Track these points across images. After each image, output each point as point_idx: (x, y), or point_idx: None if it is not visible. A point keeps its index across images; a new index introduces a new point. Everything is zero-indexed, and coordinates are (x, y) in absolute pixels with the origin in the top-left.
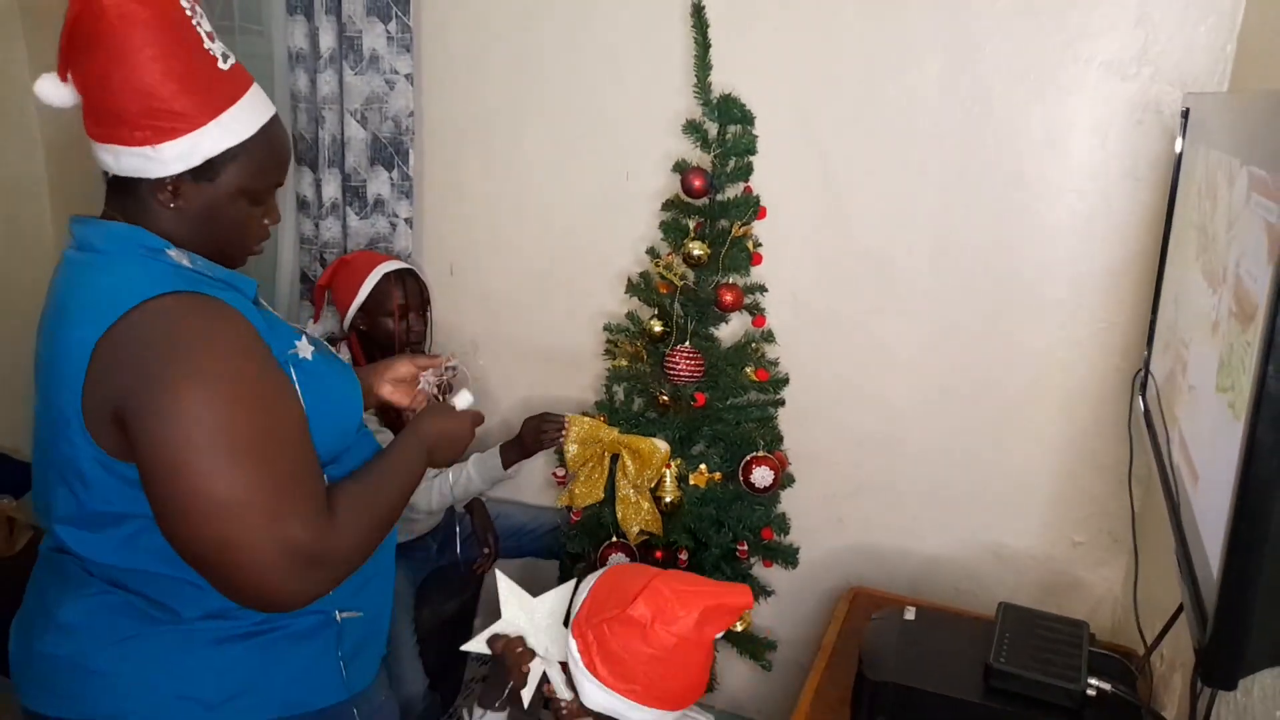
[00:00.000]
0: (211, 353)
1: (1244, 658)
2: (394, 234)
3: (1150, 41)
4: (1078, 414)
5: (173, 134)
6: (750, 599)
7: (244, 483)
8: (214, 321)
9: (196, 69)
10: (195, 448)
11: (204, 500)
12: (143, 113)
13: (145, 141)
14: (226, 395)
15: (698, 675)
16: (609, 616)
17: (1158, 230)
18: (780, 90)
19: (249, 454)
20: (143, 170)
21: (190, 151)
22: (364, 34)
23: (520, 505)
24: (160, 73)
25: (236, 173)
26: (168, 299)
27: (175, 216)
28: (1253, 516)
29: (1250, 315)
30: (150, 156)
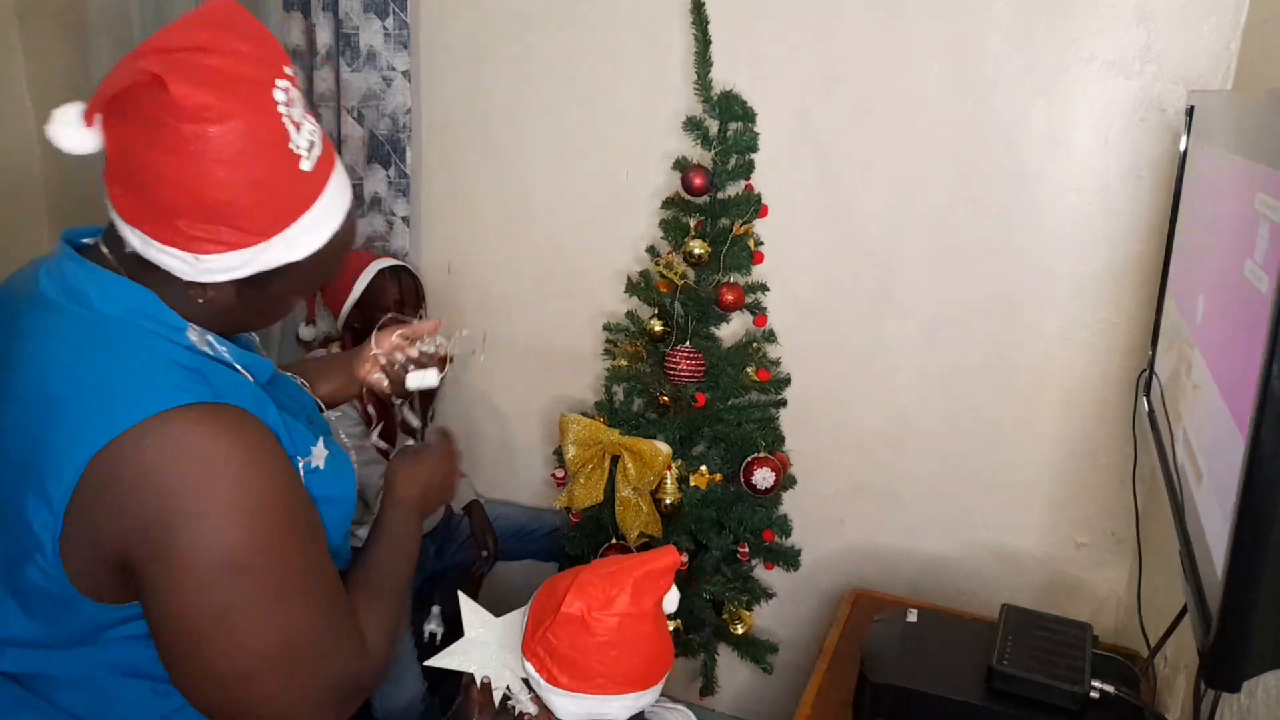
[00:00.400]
0: (243, 486)
1: (1248, 660)
2: (391, 232)
3: (1153, 39)
4: (1081, 414)
5: (225, 247)
6: (677, 555)
7: (292, 631)
8: (247, 446)
9: (276, 178)
10: (237, 598)
11: (251, 657)
12: (197, 221)
13: (188, 248)
14: (265, 533)
15: (654, 646)
16: (548, 624)
17: (1161, 229)
18: (781, 87)
19: (294, 596)
20: (176, 270)
21: (240, 266)
22: (361, 30)
23: (520, 507)
24: (234, 186)
25: (292, 282)
26: (184, 413)
27: (201, 307)
28: (1257, 517)
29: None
30: (190, 263)
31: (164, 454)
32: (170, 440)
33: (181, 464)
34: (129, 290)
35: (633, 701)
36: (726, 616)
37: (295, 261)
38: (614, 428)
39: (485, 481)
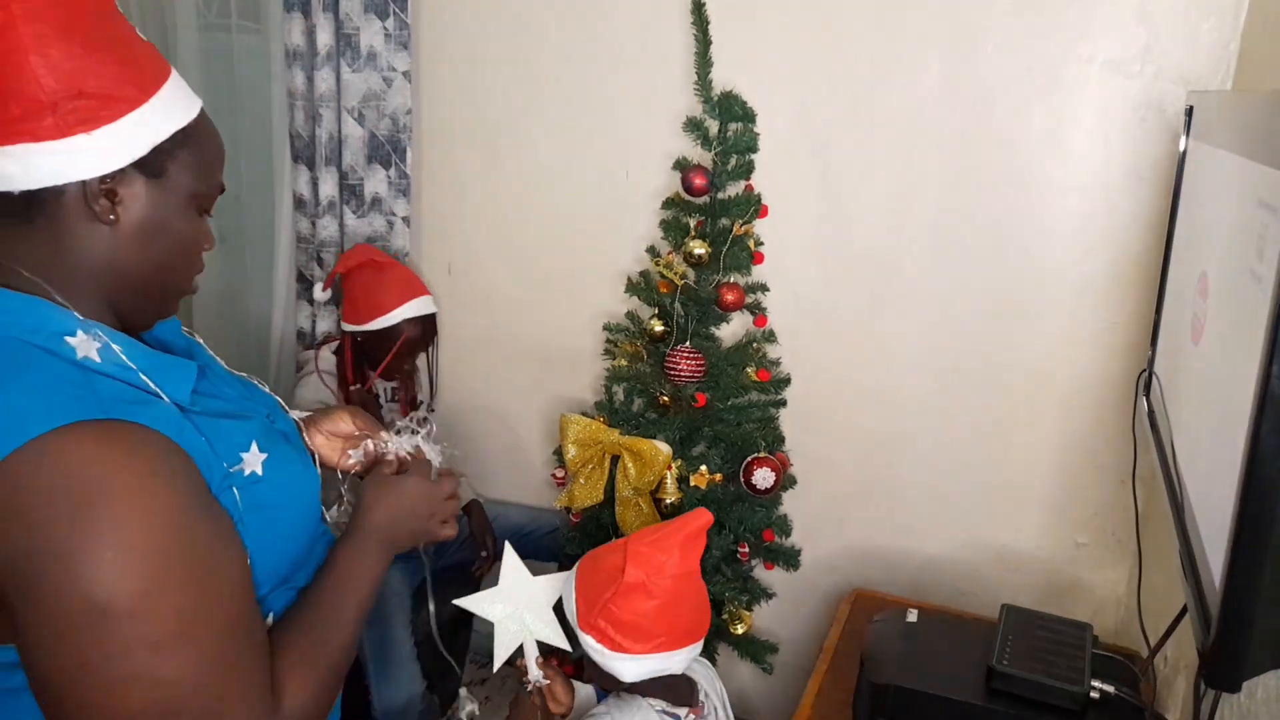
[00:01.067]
0: (132, 517)
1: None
2: (391, 232)
3: (1152, 40)
4: (1080, 414)
5: (110, 114)
6: (709, 516)
7: (172, 687)
8: (134, 469)
9: (127, 44)
10: (103, 648)
11: (121, 709)
12: (66, 89)
13: (74, 128)
14: (147, 574)
15: (700, 600)
16: (609, 597)
17: (1161, 229)
18: (782, 88)
19: (176, 648)
20: (68, 172)
21: (134, 137)
22: (361, 31)
23: (519, 507)
24: (83, 34)
25: (186, 167)
26: (67, 433)
27: (108, 240)
28: (1257, 518)
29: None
30: (82, 149)
31: (37, 481)
32: (45, 466)
33: (54, 492)
34: (10, 302)
35: (687, 654)
36: (726, 616)
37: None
38: (614, 428)
39: (485, 481)
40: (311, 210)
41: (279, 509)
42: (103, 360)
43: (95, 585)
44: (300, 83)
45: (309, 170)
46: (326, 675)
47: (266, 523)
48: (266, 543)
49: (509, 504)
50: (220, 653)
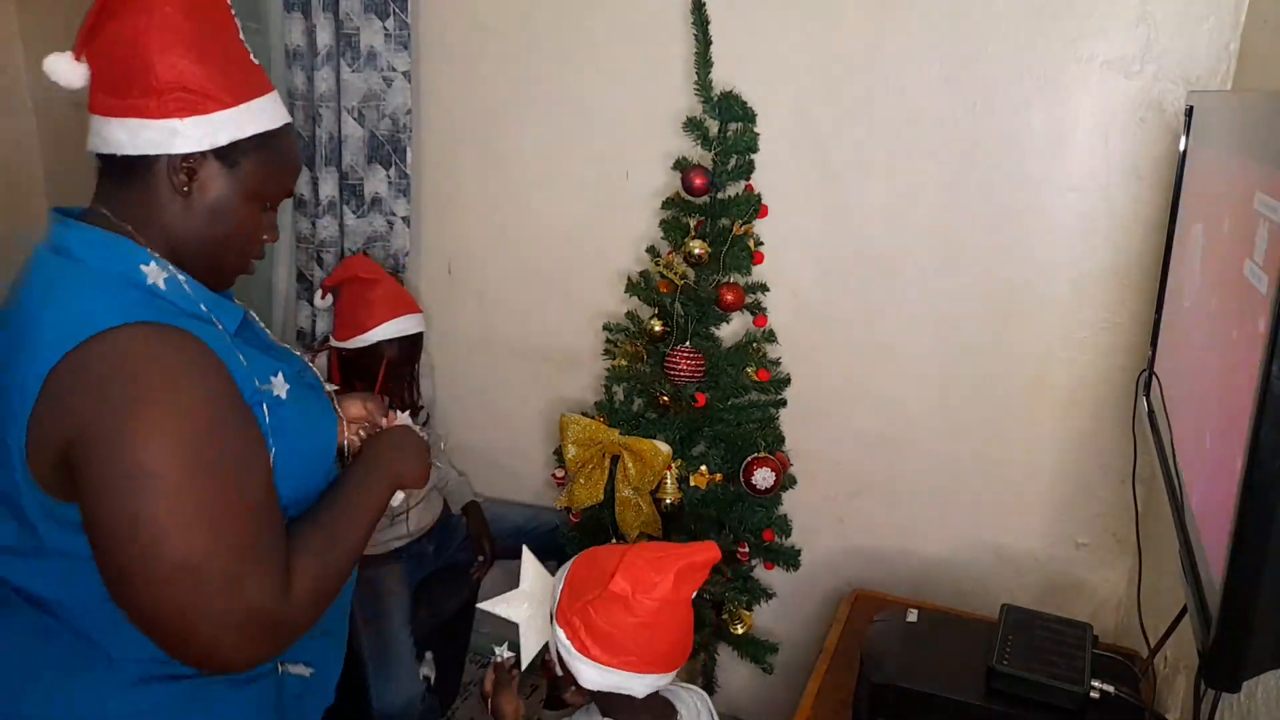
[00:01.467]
0: (173, 398)
1: (1248, 660)
2: (391, 232)
3: (1152, 40)
4: (1080, 414)
5: (203, 109)
6: (717, 552)
7: (201, 546)
8: (179, 361)
9: (233, 53)
10: (148, 506)
11: (155, 564)
12: (174, 84)
13: (173, 113)
14: (187, 449)
15: (682, 633)
16: (591, 598)
17: (1161, 229)
18: (781, 87)
19: (208, 514)
20: (164, 145)
21: (217, 130)
22: (361, 31)
23: (519, 506)
24: (199, 48)
25: (256, 165)
26: (131, 330)
27: (181, 208)
28: (1257, 518)
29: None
30: (175, 130)
31: (103, 363)
32: (110, 351)
33: (114, 373)
34: (99, 237)
35: (655, 680)
36: (726, 616)
37: (259, 137)
38: (614, 428)
39: (485, 481)
40: (312, 210)
41: (299, 437)
42: (167, 289)
43: (143, 451)
44: (300, 82)
45: (309, 170)
46: (332, 571)
47: (290, 442)
48: (287, 460)
49: (508, 503)
50: (244, 527)
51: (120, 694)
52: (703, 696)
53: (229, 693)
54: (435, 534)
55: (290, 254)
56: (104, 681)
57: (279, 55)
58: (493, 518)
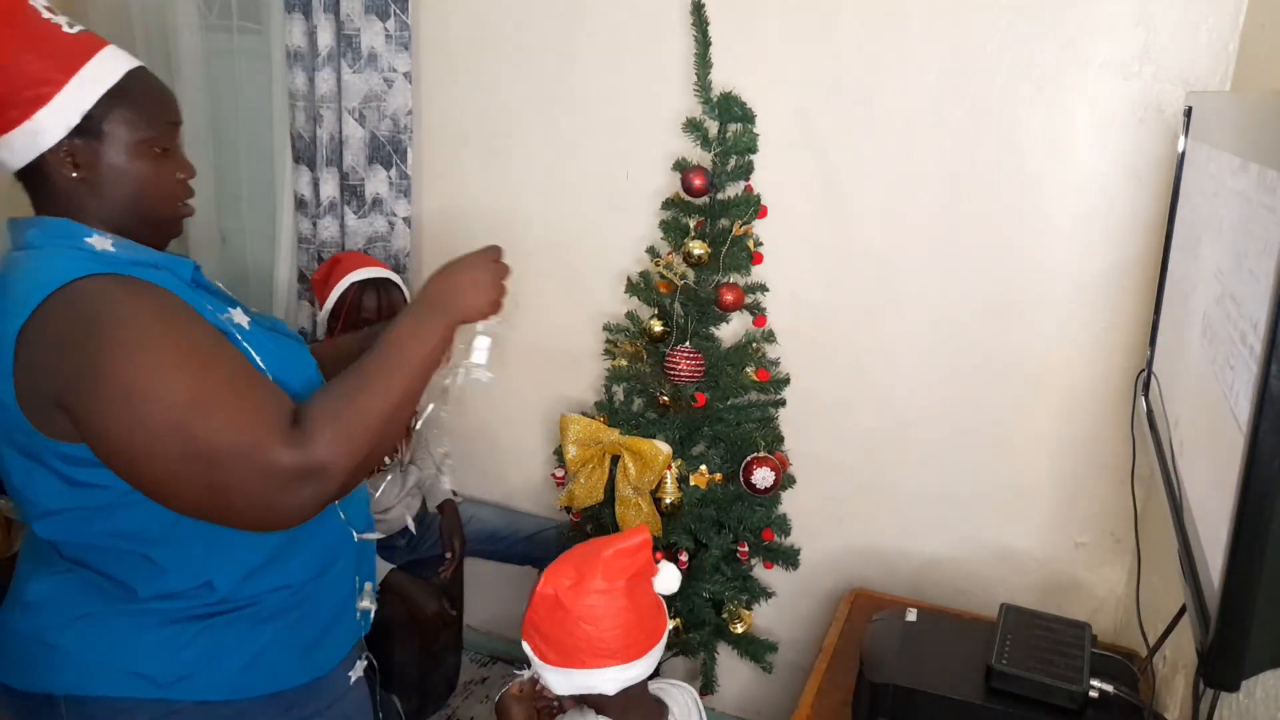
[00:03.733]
0: (135, 322)
1: (1247, 659)
2: (392, 233)
3: (1151, 40)
4: (1079, 414)
5: (40, 101)
6: (646, 534)
7: (204, 436)
8: (132, 294)
9: (41, 35)
10: (143, 421)
11: (172, 465)
12: (7, 93)
13: (21, 119)
14: (161, 357)
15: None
16: (531, 607)
17: (1160, 229)
18: (781, 88)
19: (194, 404)
20: (32, 147)
21: (64, 110)
22: (362, 32)
23: (498, 509)
24: (8, 50)
25: (121, 121)
26: (83, 282)
27: (88, 191)
28: (1255, 517)
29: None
30: (31, 131)
31: (66, 311)
32: (71, 300)
33: (80, 317)
34: (50, 221)
35: (617, 673)
36: (726, 616)
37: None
38: (614, 427)
39: (484, 481)
40: (312, 211)
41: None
42: (116, 250)
43: (118, 375)
44: (301, 83)
45: (310, 171)
46: (358, 421)
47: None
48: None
49: (487, 505)
50: (238, 403)
51: (149, 633)
52: (691, 693)
53: (252, 628)
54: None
55: (291, 254)
56: (134, 622)
57: (279, 56)
58: (469, 518)
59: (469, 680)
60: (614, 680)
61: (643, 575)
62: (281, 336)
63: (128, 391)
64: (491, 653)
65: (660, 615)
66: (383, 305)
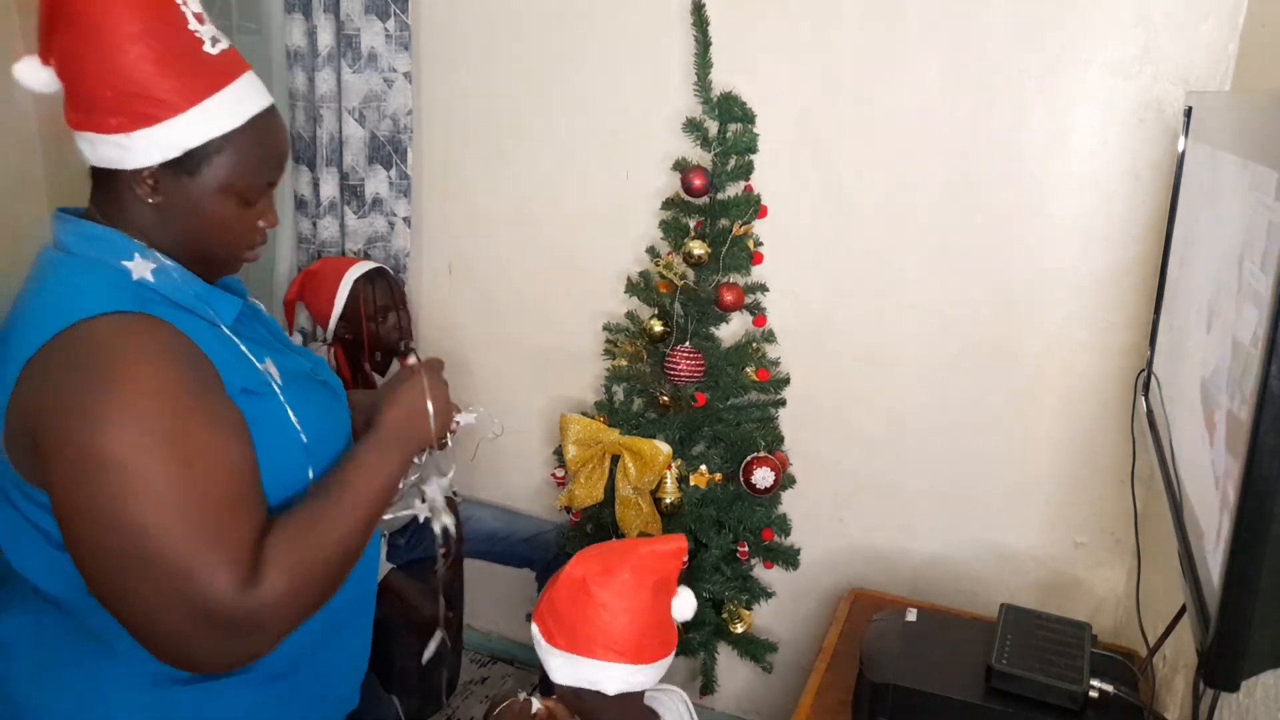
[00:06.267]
0: (138, 384)
1: (1246, 659)
2: (392, 233)
3: (1151, 41)
4: (1079, 414)
5: (148, 120)
6: (684, 542)
7: (151, 538)
8: (150, 349)
9: (177, 50)
10: (97, 492)
11: (105, 554)
12: (117, 97)
13: (119, 129)
14: (148, 434)
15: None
16: (553, 586)
17: (1160, 230)
18: (781, 89)
19: (161, 504)
20: (118, 160)
21: (167, 141)
22: (362, 32)
23: (497, 510)
24: (136, 53)
25: (222, 167)
26: (108, 319)
27: (155, 213)
28: (1256, 517)
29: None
30: (124, 145)
31: (74, 351)
32: (83, 339)
33: (80, 361)
34: (95, 230)
35: (622, 673)
36: (726, 615)
37: (216, 142)
38: (614, 427)
39: (483, 481)
40: (312, 211)
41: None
42: (156, 279)
43: (99, 437)
44: (301, 83)
45: (310, 171)
46: (313, 565)
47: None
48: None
49: (486, 506)
50: (203, 520)
51: (130, 692)
52: (682, 696)
53: (243, 693)
54: (408, 529)
55: (292, 254)
56: (114, 679)
57: (279, 56)
58: (468, 518)
59: (469, 680)
60: (617, 680)
61: (669, 584)
62: (320, 386)
63: (101, 462)
64: (491, 653)
65: (673, 632)
66: (392, 288)
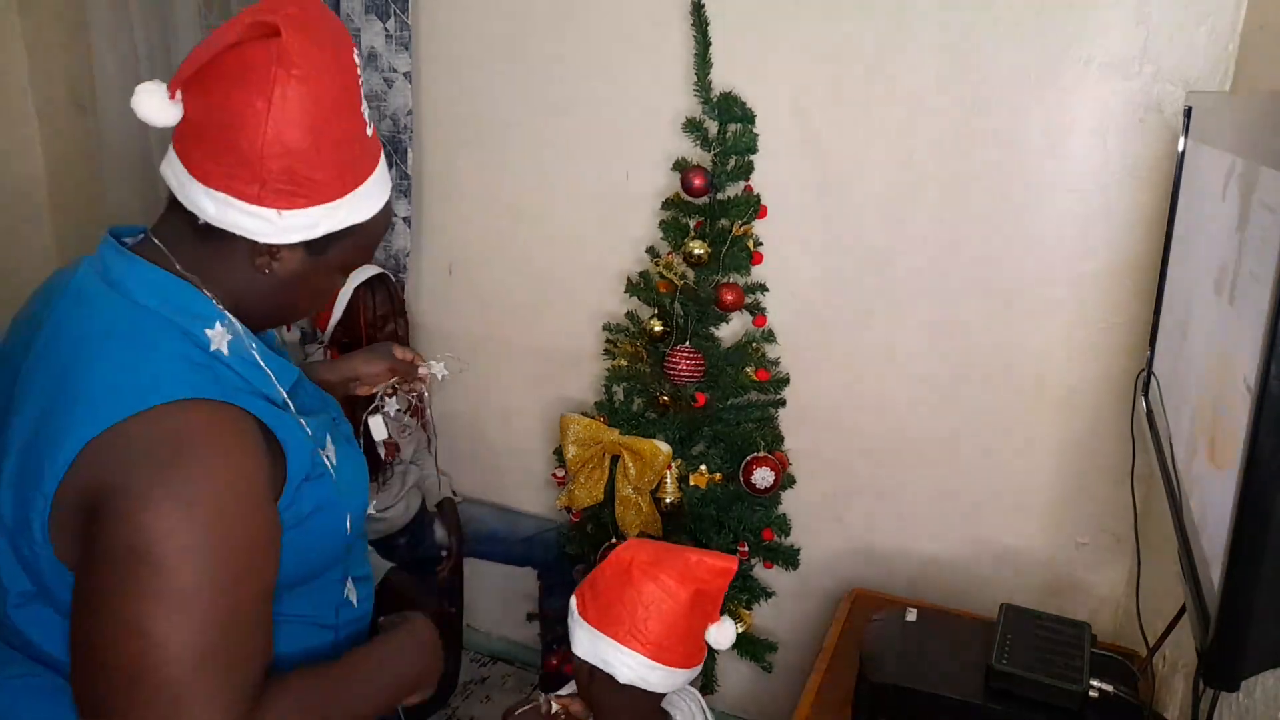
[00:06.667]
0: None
1: (1246, 659)
2: (392, 233)
3: (1151, 41)
4: (1079, 414)
5: (305, 202)
6: (734, 566)
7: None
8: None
9: (353, 138)
10: (130, 583)
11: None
12: (282, 173)
13: (271, 204)
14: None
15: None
16: (600, 565)
17: (1159, 230)
18: (780, 88)
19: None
20: (252, 231)
21: (314, 224)
22: (362, 32)
23: (498, 510)
24: (322, 139)
25: (348, 249)
26: (191, 408)
27: (263, 280)
28: (1255, 517)
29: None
30: (269, 220)
31: (144, 437)
32: (155, 426)
33: (151, 448)
34: (165, 282)
35: (639, 665)
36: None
37: (356, 226)
38: (614, 427)
39: (484, 481)
40: None
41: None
42: (231, 352)
43: (143, 528)
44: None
45: None
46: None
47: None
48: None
49: (487, 506)
50: (211, 640)
51: None
52: (697, 697)
53: None
54: (409, 528)
55: None
56: None
57: None
58: (468, 519)
59: (469, 680)
60: (631, 669)
61: (710, 600)
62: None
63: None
64: (491, 653)
65: (700, 651)
66: (392, 297)
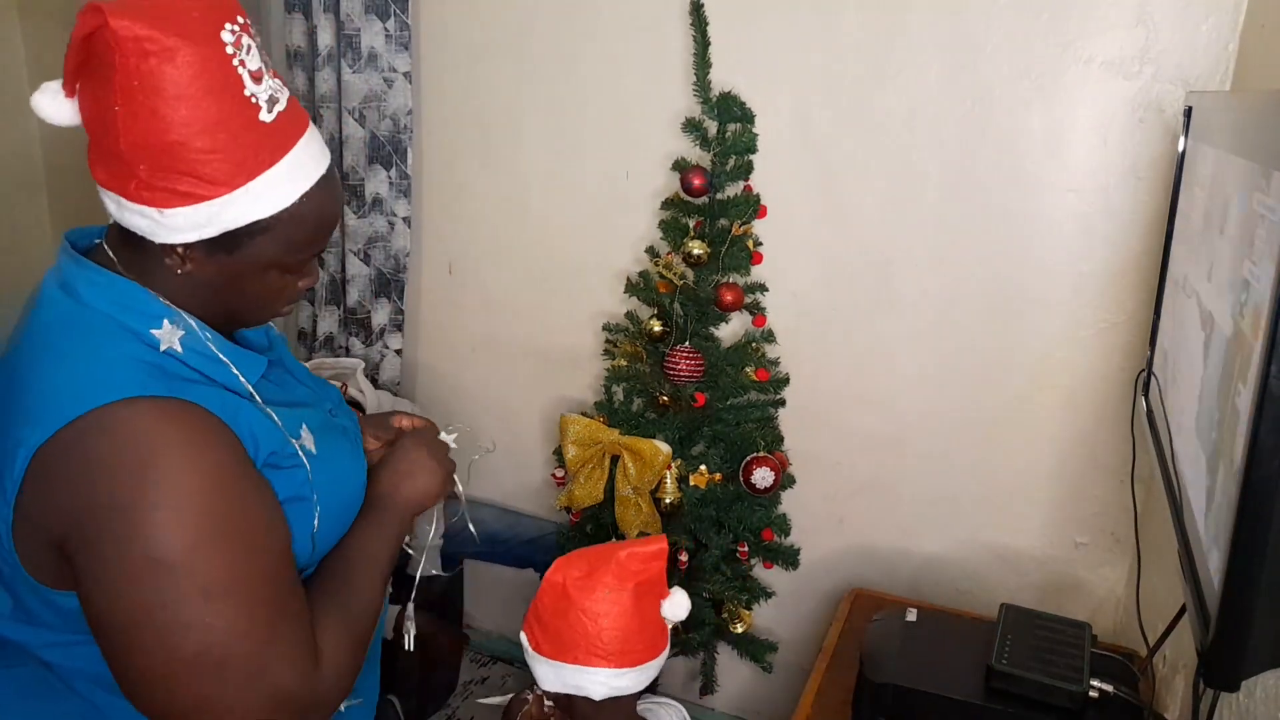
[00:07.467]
0: (176, 479)
1: (1246, 659)
2: (392, 233)
3: (1151, 40)
4: (1079, 414)
5: (185, 200)
6: (664, 543)
7: (222, 635)
8: (185, 438)
9: (230, 123)
10: (160, 596)
11: (174, 660)
12: (155, 169)
13: (152, 203)
14: (197, 530)
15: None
16: (539, 593)
17: (1159, 229)
18: (780, 88)
19: (225, 599)
20: (147, 231)
21: (206, 222)
22: (362, 32)
23: (500, 511)
24: (184, 127)
25: (265, 246)
26: (133, 405)
27: (185, 280)
28: (1256, 517)
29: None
30: (156, 220)
31: (103, 443)
32: (110, 432)
33: (118, 454)
34: (113, 283)
35: (608, 678)
36: (726, 615)
37: (263, 222)
38: (614, 427)
39: (484, 481)
40: None
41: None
42: (184, 348)
43: (151, 540)
44: (301, 83)
45: None
46: (356, 638)
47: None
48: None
49: (489, 507)
50: (265, 607)
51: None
52: (680, 711)
53: None
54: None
55: None
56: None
57: (279, 56)
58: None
59: (469, 680)
60: (602, 684)
61: (653, 585)
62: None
63: (150, 569)
64: (491, 653)
65: (662, 634)
66: None
